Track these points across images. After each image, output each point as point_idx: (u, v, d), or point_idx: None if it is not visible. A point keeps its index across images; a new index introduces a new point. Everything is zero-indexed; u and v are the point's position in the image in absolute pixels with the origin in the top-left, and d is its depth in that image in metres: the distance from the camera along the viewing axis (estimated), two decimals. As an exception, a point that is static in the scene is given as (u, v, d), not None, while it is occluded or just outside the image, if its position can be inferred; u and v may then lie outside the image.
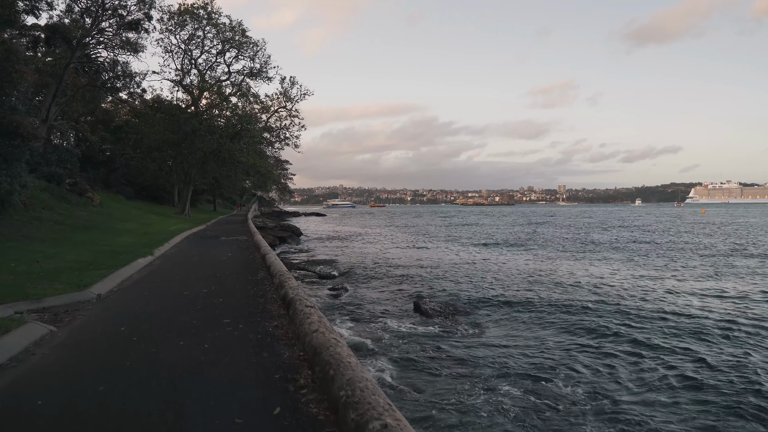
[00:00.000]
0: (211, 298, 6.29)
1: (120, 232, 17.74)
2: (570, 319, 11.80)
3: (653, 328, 10.97)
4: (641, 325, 11.23)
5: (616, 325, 11.18)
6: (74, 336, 4.74)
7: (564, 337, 10.38)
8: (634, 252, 27.55)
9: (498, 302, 13.88)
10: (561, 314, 12.37)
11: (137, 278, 8.58)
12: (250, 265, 9.72)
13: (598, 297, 14.60)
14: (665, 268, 21.29)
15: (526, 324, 11.48)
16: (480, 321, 11.82)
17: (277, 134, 36.44)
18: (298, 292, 5.25)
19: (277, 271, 7.24)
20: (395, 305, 13.75)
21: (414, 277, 19.03)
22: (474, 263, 22.83)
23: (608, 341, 9.96)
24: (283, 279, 6.34)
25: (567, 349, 9.42)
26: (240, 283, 7.44)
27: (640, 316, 12.23)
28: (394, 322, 11.63)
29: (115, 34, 34.48)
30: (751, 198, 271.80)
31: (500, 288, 16.29)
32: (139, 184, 44.83)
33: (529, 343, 9.88)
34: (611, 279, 18.24)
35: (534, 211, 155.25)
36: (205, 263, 10.36)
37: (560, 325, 11.31)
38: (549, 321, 11.72)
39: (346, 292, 16.11)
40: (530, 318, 12.06)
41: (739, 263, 22.27)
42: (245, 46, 35.50)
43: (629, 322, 11.44)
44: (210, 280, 7.92)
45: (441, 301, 14.02)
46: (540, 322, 11.61)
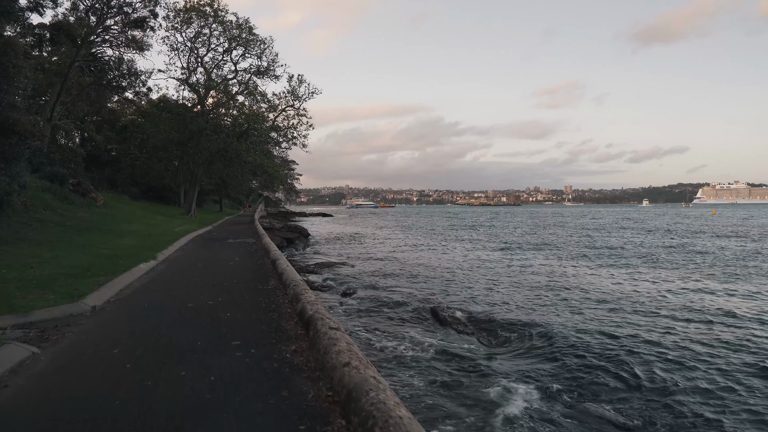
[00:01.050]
0: (217, 312, 5.59)
1: (123, 233, 17.11)
2: (602, 338, 11.03)
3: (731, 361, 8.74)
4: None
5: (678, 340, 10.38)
6: (59, 360, 4.05)
7: (596, 356, 9.62)
8: (677, 260, 24.03)
9: (522, 310, 13.12)
10: (594, 326, 11.60)
11: (137, 286, 7.90)
12: (259, 271, 9.03)
13: (643, 310, 13.78)
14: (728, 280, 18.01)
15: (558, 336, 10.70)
16: (502, 331, 11.07)
17: (284, 133, 35.76)
18: (318, 309, 4.53)
19: (290, 280, 6.53)
20: (411, 312, 13.01)
21: (427, 280, 18.29)
22: (490, 267, 21.87)
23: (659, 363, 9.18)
24: (298, 291, 5.63)
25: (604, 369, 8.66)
26: (249, 294, 6.74)
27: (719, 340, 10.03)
28: (412, 331, 10.90)
29: (120, 32, 34.07)
30: (759, 198, 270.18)
31: (522, 294, 15.50)
32: (145, 184, 44.38)
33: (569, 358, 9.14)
34: (655, 287, 16.78)
35: (542, 211, 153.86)
36: (211, 269, 9.67)
37: (593, 340, 10.55)
38: (581, 330, 10.94)
39: (359, 296, 15.40)
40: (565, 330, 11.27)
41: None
42: (252, 43, 34.91)
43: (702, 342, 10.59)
44: (216, 289, 7.23)
45: (459, 307, 13.29)
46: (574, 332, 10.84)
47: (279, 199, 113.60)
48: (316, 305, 4.72)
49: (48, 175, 22.81)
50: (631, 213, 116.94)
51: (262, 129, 34.38)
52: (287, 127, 35.36)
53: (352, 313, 12.78)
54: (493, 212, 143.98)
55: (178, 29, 34.20)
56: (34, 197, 17.92)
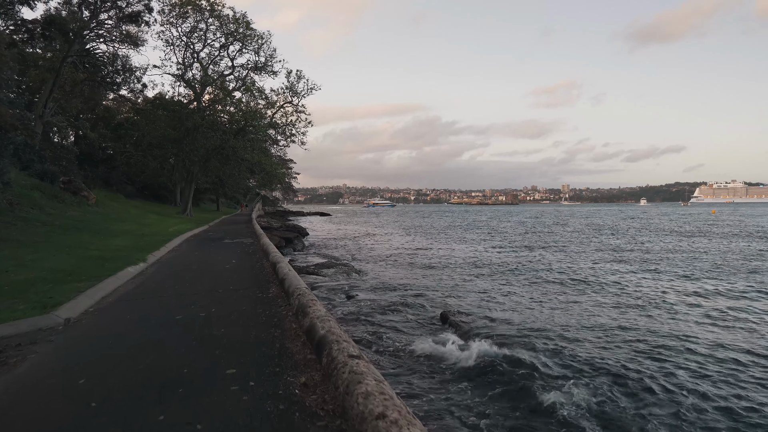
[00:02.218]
0: (210, 328, 4.75)
1: (114, 233, 16.26)
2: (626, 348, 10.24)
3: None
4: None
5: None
6: (9, 394, 3.23)
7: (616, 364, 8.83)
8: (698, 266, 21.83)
9: (539, 313, 12.33)
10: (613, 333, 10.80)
11: (122, 293, 7.06)
12: (258, 275, 8.19)
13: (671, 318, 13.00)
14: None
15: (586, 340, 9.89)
16: (520, 336, 10.29)
17: (282, 130, 34.85)
18: (332, 327, 3.71)
19: (293, 287, 5.71)
20: (419, 316, 12.20)
21: (432, 282, 17.45)
22: (499, 268, 20.95)
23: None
24: (304, 301, 4.81)
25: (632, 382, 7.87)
26: (247, 303, 5.89)
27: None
28: (422, 338, 10.12)
29: (114, 27, 33.26)
30: (756, 197, 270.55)
31: (536, 297, 14.71)
32: (141, 183, 43.56)
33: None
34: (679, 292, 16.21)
35: (543, 210, 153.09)
36: (205, 273, 8.83)
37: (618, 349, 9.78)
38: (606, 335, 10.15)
39: (362, 298, 14.59)
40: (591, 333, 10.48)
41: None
42: (249, 38, 34.04)
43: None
44: (210, 297, 6.39)
45: (469, 311, 12.49)
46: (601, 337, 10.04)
47: (276, 198, 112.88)
48: (328, 321, 3.90)
49: (38, 172, 21.99)
50: (632, 212, 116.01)
51: (260, 126, 33.50)
52: (285, 124, 34.48)
53: (356, 317, 11.96)
54: (493, 211, 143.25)
55: (173, 24, 33.38)
56: (21, 195, 17.08)
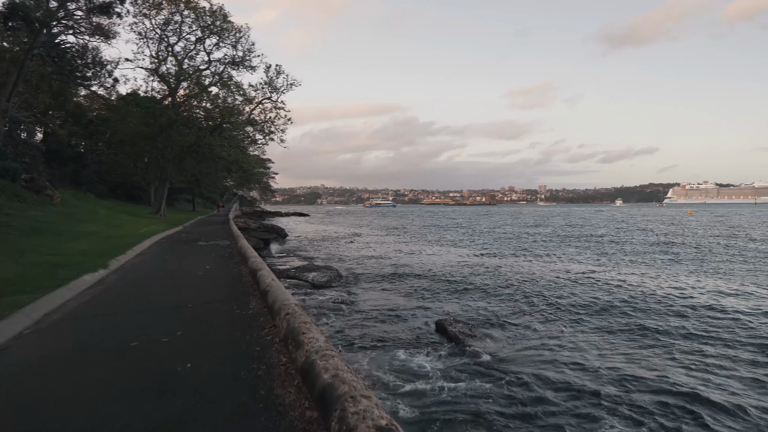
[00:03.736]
0: (173, 360, 3.65)
1: (77, 235, 14.88)
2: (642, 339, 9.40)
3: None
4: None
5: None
6: None
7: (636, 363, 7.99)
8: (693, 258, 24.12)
9: (537, 317, 11.43)
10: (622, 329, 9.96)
11: (71, 308, 5.88)
12: (236, 285, 7.06)
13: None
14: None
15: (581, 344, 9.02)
16: (527, 346, 9.38)
17: (261, 127, 33.53)
18: (339, 369, 2.67)
19: (279, 303, 4.64)
20: (412, 326, 11.23)
21: (420, 286, 16.53)
22: (488, 271, 20.14)
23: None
24: (295, 325, 3.75)
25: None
26: (222, 324, 4.78)
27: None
28: (418, 351, 9.15)
29: (84, 18, 31.60)
30: (727, 198, 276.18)
31: (533, 300, 13.83)
32: (113, 182, 41.75)
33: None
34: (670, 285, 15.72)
35: (521, 211, 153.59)
36: (174, 282, 7.66)
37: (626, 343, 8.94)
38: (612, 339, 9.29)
39: (349, 306, 13.57)
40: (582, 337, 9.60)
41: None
42: (227, 32, 32.65)
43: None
44: (177, 314, 5.27)
45: (466, 320, 11.54)
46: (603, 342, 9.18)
47: (254, 199, 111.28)
48: (332, 359, 2.86)
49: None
50: (610, 213, 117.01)
51: (238, 122, 32.14)
52: (264, 121, 33.16)
53: (344, 329, 10.93)
54: (472, 211, 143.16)
55: (147, 15, 31.82)
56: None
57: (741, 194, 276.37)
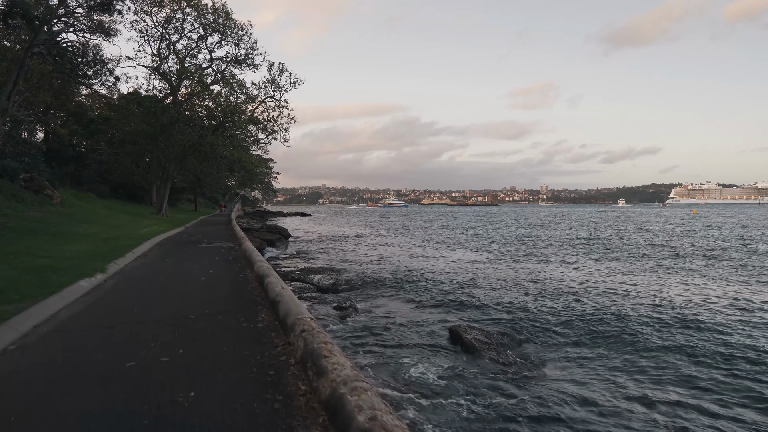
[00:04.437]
0: (173, 388, 3.14)
1: (76, 236, 14.40)
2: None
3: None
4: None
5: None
6: None
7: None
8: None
9: (561, 328, 10.85)
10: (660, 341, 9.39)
11: (63, 319, 5.38)
12: (241, 292, 6.55)
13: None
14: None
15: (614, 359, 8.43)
16: (548, 356, 8.86)
17: (264, 126, 33.01)
18: (377, 408, 2.17)
19: (293, 318, 4.12)
20: (424, 333, 10.71)
21: (430, 289, 15.89)
22: (499, 273, 19.49)
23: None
24: (315, 346, 3.23)
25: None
26: (229, 340, 4.25)
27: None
28: (430, 360, 8.64)
29: (84, 16, 31.15)
30: (729, 199, 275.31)
31: (555, 307, 13.23)
32: (114, 182, 41.33)
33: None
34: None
35: (525, 211, 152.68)
36: (174, 288, 7.16)
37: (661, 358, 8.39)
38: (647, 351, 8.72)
39: (356, 311, 13.02)
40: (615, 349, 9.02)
41: None
42: (229, 30, 32.18)
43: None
44: (179, 327, 4.76)
45: (481, 326, 11.02)
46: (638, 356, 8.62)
47: (256, 199, 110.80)
48: (365, 393, 2.36)
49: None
50: (616, 213, 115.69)
51: (240, 121, 31.64)
52: (267, 120, 32.65)
53: (353, 337, 10.40)
54: (477, 212, 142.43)
55: (148, 13, 31.41)
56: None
57: (744, 194, 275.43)
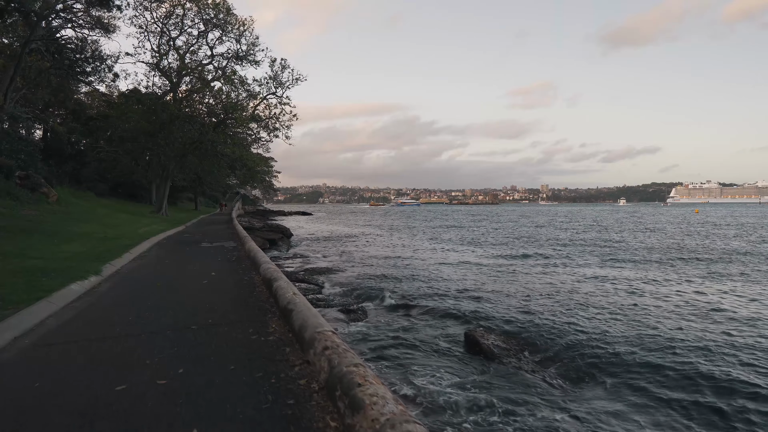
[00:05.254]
0: (170, 427, 2.57)
1: (72, 236, 13.82)
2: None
3: None
4: None
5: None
6: None
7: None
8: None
9: (590, 338, 10.21)
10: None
11: (47, 331, 4.75)
12: (247, 299, 5.93)
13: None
14: None
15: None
16: (570, 365, 8.26)
17: (265, 124, 32.39)
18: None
19: (312, 333, 3.51)
20: (434, 335, 10.13)
21: (440, 290, 15.24)
22: (517, 276, 18.58)
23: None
24: (343, 370, 2.63)
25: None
26: (237, 358, 3.63)
27: None
28: (445, 370, 8.05)
29: (83, 11, 30.60)
30: (730, 198, 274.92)
31: (572, 308, 12.58)
32: (114, 181, 40.82)
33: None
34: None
35: (528, 210, 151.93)
36: (174, 293, 6.54)
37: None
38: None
39: (364, 314, 12.47)
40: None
41: None
42: (230, 25, 31.58)
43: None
44: (178, 343, 4.14)
45: (500, 329, 10.43)
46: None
47: (257, 198, 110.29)
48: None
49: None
50: (620, 212, 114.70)
51: (241, 118, 31.04)
52: (269, 117, 32.03)
53: (363, 343, 9.81)
54: (481, 211, 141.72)
55: (147, 8, 30.83)
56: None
57: (744, 193, 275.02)
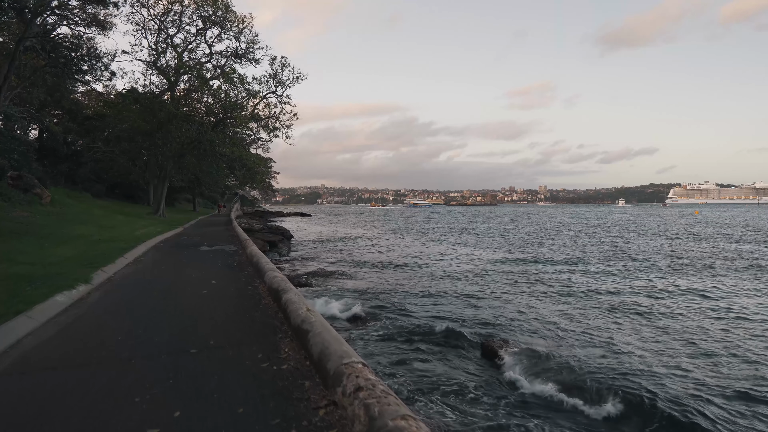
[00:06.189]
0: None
1: (64, 239, 13.15)
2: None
3: None
4: None
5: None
6: None
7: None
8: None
9: (611, 344, 9.57)
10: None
11: (21, 355, 4.05)
12: (252, 314, 5.28)
13: None
14: None
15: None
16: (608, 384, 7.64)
17: (265, 123, 31.70)
18: None
19: (336, 363, 2.88)
20: (445, 342, 9.55)
21: (453, 296, 14.61)
22: (532, 281, 17.71)
23: None
24: (389, 425, 2.04)
25: None
26: (245, 395, 2.98)
27: None
28: (461, 383, 7.45)
29: (78, 8, 29.93)
30: (728, 199, 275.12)
31: (600, 321, 11.97)
32: (111, 181, 40.16)
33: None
34: None
35: (527, 211, 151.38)
36: (170, 305, 5.88)
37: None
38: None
39: (371, 321, 11.85)
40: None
41: None
42: (229, 22, 30.93)
43: None
44: (172, 371, 3.50)
45: (514, 338, 9.81)
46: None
47: (255, 199, 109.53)
48: None
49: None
50: (621, 213, 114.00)
51: (240, 117, 30.37)
52: (268, 117, 31.35)
53: (370, 352, 9.20)
54: (486, 212, 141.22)
55: (144, 5, 30.13)
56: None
57: (742, 194, 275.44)
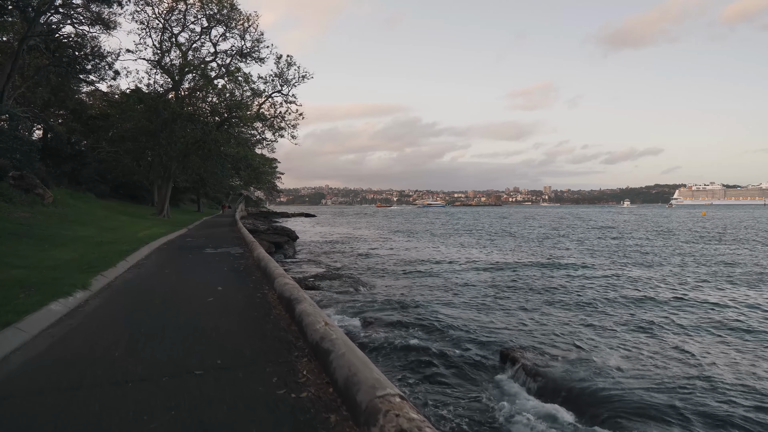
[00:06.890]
0: None
1: (64, 241, 12.74)
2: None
3: None
4: None
5: None
6: None
7: None
8: None
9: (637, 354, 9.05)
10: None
11: (6, 375, 3.64)
12: (263, 326, 4.80)
13: None
14: None
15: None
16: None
17: (270, 123, 31.30)
18: None
19: (368, 393, 2.42)
20: (466, 357, 9.04)
21: (469, 301, 14.04)
22: (556, 287, 16.57)
23: None
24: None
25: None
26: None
27: None
28: (481, 395, 6.99)
29: (82, 7, 29.65)
30: (734, 199, 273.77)
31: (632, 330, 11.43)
32: (115, 182, 39.81)
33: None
34: None
35: (534, 212, 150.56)
36: (173, 316, 5.42)
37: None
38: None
39: (381, 324, 11.38)
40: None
41: None
42: (234, 21, 30.56)
43: None
44: (174, 398, 3.04)
45: (532, 346, 9.32)
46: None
47: (260, 199, 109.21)
48: None
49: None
50: (632, 215, 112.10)
51: (245, 116, 29.98)
52: (274, 116, 30.96)
53: (383, 357, 8.75)
54: (491, 213, 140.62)
55: (149, 3, 29.82)
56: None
57: (748, 195, 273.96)
